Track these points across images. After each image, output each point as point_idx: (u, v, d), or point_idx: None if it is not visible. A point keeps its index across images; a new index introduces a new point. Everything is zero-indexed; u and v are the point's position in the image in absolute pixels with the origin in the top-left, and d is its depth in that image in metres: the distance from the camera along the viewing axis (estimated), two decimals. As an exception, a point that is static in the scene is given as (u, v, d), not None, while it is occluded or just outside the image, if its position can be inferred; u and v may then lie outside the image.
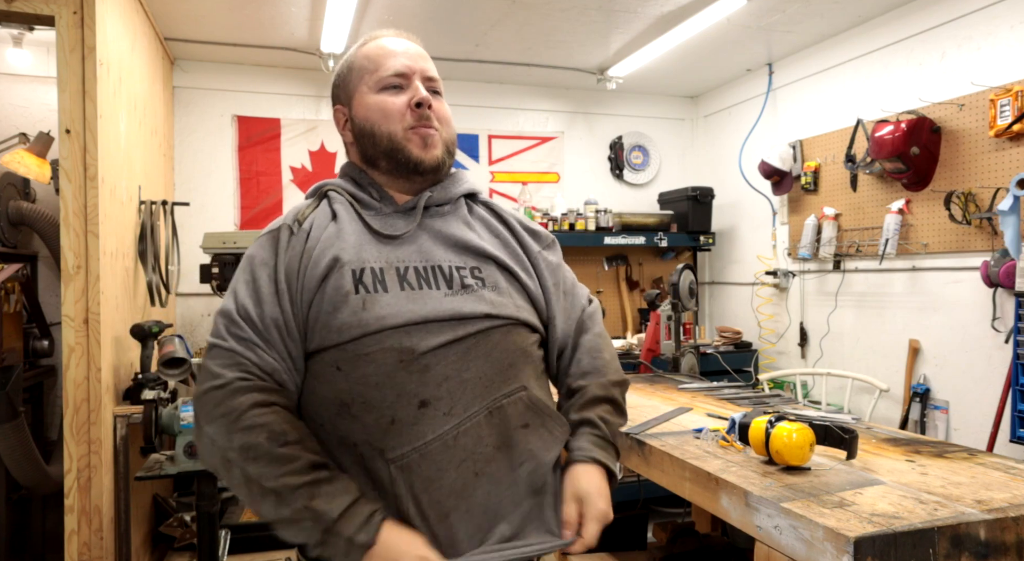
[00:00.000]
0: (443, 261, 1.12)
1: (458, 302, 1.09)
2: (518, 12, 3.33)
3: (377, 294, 1.06)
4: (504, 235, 1.22)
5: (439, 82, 1.20)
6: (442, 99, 1.20)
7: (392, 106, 1.14)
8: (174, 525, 3.10)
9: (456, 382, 1.06)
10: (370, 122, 1.16)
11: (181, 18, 3.36)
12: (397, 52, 1.17)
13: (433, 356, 1.05)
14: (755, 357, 4.17)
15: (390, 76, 1.15)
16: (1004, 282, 2.67)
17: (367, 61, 1.18)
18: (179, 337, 2.74)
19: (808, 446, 1.47)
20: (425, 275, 1.10)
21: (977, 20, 2.94)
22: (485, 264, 1.15)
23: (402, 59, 1.16)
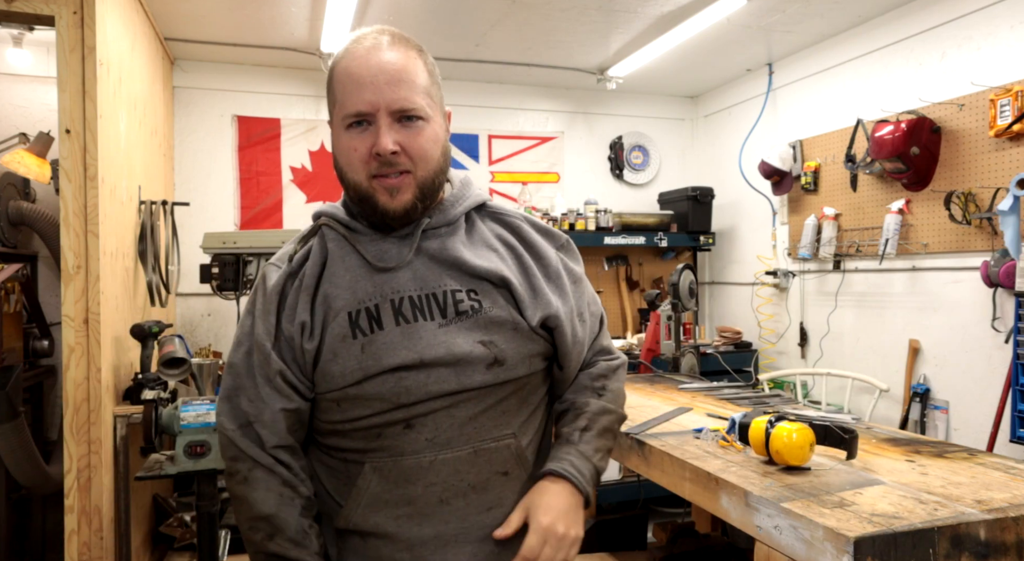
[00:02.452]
0: (438, 287, 1.08)
1: (452, 335, 1.06)
2: (518, 12, 3.33)
3: (373, 334, 1.05)
4: (512, 244, 1.15)
5: (418, 106, 1.04)
6: (423, 125, 1.05)
7: (354, 154, 1.05)
8: (174, 525, 3.10)
9: (444, 415, 1.06)
10: (340, 164, 1.09)
11: (181, 18, 3.36)
12: (362, 82, 1.02)
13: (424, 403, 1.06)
14: (755, 357, 4.17)
15: (351, 115, 1.04)
16: (1004, 282, 2.66)
17: (337, 87, 1.07)
18: (179, 337, 2.74)
19: (808, 446, 1.47)
20: (420, 304, 1.07)
21: (977, 20, 2.94)
22: (482, 284, 1.09)
23: (366, 94, 1.02)
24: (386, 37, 1.06)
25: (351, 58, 1.05)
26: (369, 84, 1.02)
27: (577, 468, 1.11)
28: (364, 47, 1.05)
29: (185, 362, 2.54)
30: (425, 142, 1.05)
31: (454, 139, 4.48)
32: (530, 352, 1.11)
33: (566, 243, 1.23)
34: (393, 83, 1.03)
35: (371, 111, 1.02)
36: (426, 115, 1.05)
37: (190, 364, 2.53)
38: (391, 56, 1.04)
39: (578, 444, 1.14)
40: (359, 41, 1.06)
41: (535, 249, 1.16)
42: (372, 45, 1.05)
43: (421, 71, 1.06)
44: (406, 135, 1.03)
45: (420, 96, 1.04)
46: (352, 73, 1.03)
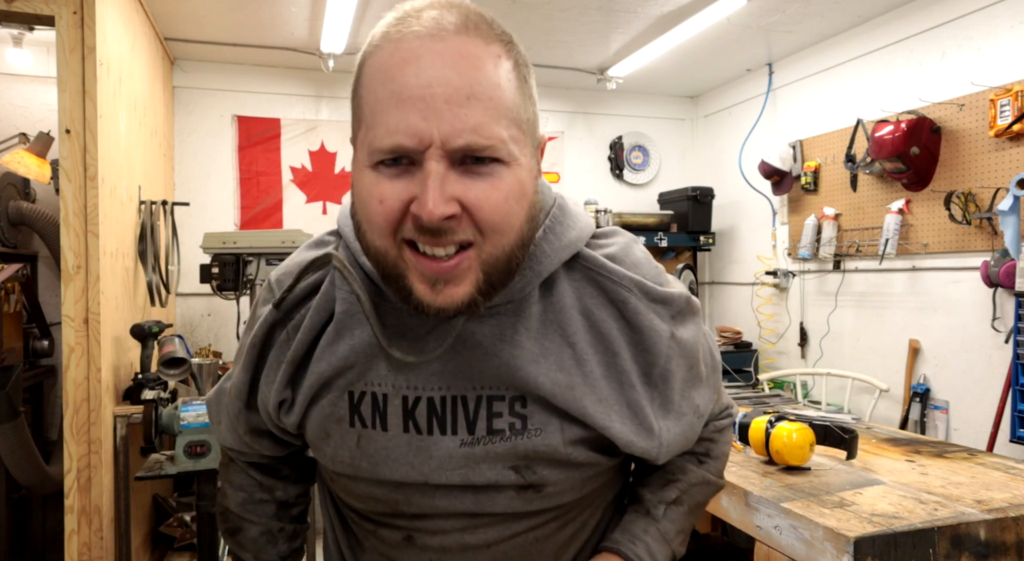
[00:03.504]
0: (472, 389, 0.75)
1: (474, 460, 0.75)
2: (518, 12, 3.33)
3: (375, 431, 0.77)
4: (606, 332, 0.76)
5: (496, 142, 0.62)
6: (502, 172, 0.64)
7: (379, 206, 0.64)
8: (174, 525, 3.10)
9: (453, 538, 0.80)
10: (357, 209, 0.69)
11: (181, 18, 3.36)
12: (405, 94, 0.61)
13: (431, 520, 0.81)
14: (755, 357, 4.17)
15: (383, 150, 0.63)
16: (1004, 282, 2.66)
17: (367, 91, 0.65)
18: (179, 337, 2.74)
19: (808, 446, 1.47)
20: (440, 412, 0.75)
21: (977, 20, 2.94)
22: (534, 398, 0.75)
23: (411, 116, 0.61)
24: (454, 15, 0.63)
25: (392, 50, 0.63)
26: (418, 99, 0.61)
27: (652, 555, 0.84)
28: (416, 32, 0.62)
29: (185, 362, 2.54)
30: (503, 201, 0.64)
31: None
32: (587, 475, 0.81)
33: (684, 307, 0.81)
34: (459, 101, 0.61)
35: (416, 148, 0.62)
36: (509, 156, 0.64)
37: (190, 364, 2.53)
38: (461, 52, 0.62)
39: (660, 521, 0.87)
40: (406, 20, 0.63)
41: (642, 337, 0.76)
42: (430, 30, 0.62)
43: (508, 79, 0.64)
44: (470, 187, 0.63)
45: (503, 125, 0.63)
46: (391, 77, 0.62)
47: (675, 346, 0.78)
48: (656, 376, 0.77)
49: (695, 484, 0.91)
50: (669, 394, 0.79)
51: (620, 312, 0.76)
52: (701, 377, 0.84)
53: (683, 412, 0.81)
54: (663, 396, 0.78)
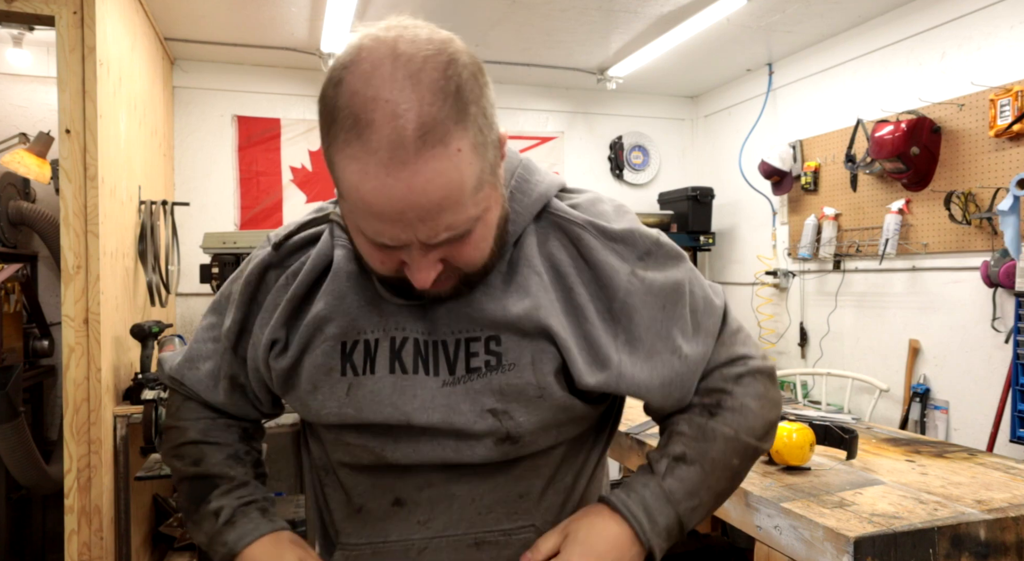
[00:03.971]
0: (451, 332, 0.81)
1: (455, 398, 0.80)
2: (518, 12, 3.33)
3: (364, 377, 0.81)
4: (564, 269, 0.82)
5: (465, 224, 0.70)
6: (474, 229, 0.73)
7: (380, 265, 0.75)
8: (174, 525, 3.10)
9: (440, 491, 0.84)
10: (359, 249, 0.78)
11: (181, 18, 3.36)
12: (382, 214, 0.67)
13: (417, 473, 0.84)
14: (755, 357, 4.17)
15: (371, 241, 0.72)
16: (1004, 282, 2.67)
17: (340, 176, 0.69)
18: (179, 337, 2.74)
19: (808, 446, 1.47)
20: (424, 351, 0.81)
21: (977, 20, 2.94)
22: (510, 331, 0.80)
23: (389, 229, 0.69)
24: (411, 127, 0.64)
25: (359, 170, 0.66)
26: (394, 221, 0.67)
27: (648, 512, 0.80)
28: (378, 157, 0.65)
29: (185, 362, 2.53)
30: (474, 249, 0.74)
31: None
32: (561, 420, 0.84)
33: (653, 248, 0.85)
34: (431, 217, 0.67)
35: (399, 246, 0.71)
36: (476, 219, 0.72)
37: (190, 364, 2.52)
38: (426, 175, 0.65)
39: (663, 476, 0.82)
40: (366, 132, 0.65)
41: (598, 273, 0.82)
42: (391, 155, 0.64)
43: (469, 165, 0.68)
44: (449, 250, 0.73)
45: (467, 208, 0.69)
46: (365, 199, 0.67)
47: (637, 282, 0.81)
48: (616, 310, 0.81)
49: (707, 439, 0.83)
50: (634, 330, 0.81)
51: (577, 251, 0.82)
52: (684, 319, 0.84)
53: (656, 350, 0.82)
54: (627, 331, 0.81)
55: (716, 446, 0.83)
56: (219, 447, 0.94)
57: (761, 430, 0.86)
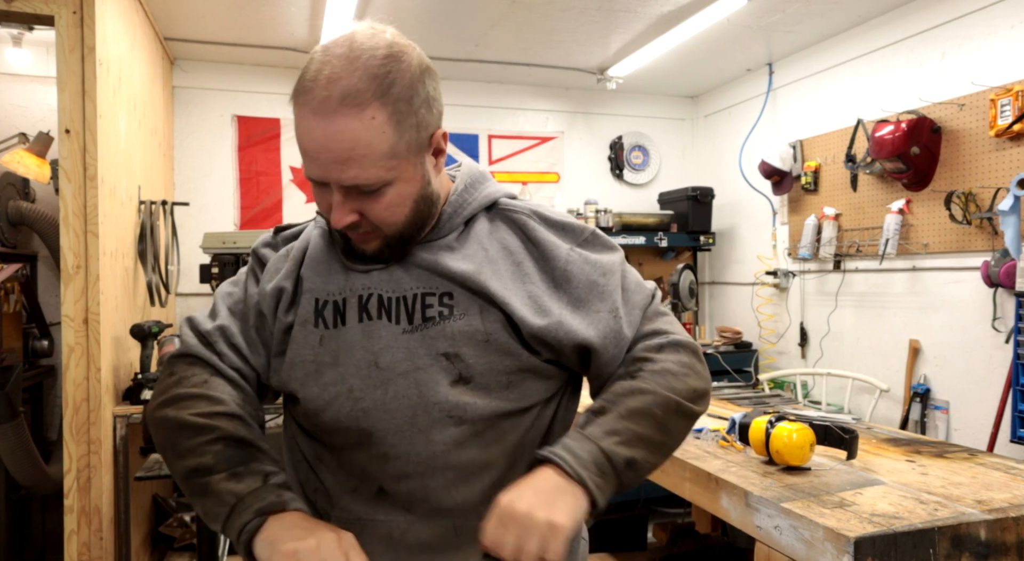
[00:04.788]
0: (409, 291, 0.96)
1: (414, 343, 0.93)
2: (518, 12, 3.33)
3: (335, 330, 0.96)
4: (511, 246, 0.98)
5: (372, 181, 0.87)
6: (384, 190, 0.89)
7: (320, 204, 0.94)
8: (174, 525, 3.10)
9: (417, 483, 0.94)
10: None
11: (181, 18, 3.36)
12: (308, 152, 0.87)
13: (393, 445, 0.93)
14: (755, 357, 4.17)
15: (310, 177, 0.91)
16: (1004, 282, 2.66)
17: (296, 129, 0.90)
18: (179, 337, 2.74)
19: (808, 446, 1.47)
20: (387, 304, 0.95)
21: (977, 20, 2.94)
22: (459, 289, 0.95)
23: (314, 167, 0.88)
24: (339, 89, 0.84)
25: (299, 114, 0.87)
26: (315, 158, 0.87)
27: (569, 450, 0.87)
28: (311, 105, 0.85)
29: (185, 362, 2.53)
30: (385, 209, 0.90)
31: (454, 139, 4.48)
32: (510, 368, 0.94)
33: (590, 237, 1.02)
34: (339, 162, 0.86)
35: (323, 181, 0.89)
36: (386, 181, 0.89)
37: (190, 364, 2.52)
38: (337, 127, 0.84)
39: (584, 428, 0.91)
40: (310, 88, 0.85)
41: (543, 249, 0.98)
42: (320, 106, 0.84)
43: (381, 134, 0.86)
44: (364, 203, 0.90)
45: (376, 167, 0.87)
46: (300, 136, 0.88)
47: (576, 256, 0.98)
48: (559, 277, 0.97)
49: (623, 394, 0.93)
50: (573, 291, 0.97)
51: (524, 234, 0.99)
52: (619, 289, 0.99)
53: (595, 308, 0.97)
54: (568, 294, 0.97)
55: (635, 398, 0.92)
56: (253, 428, 0.95)
57: (685, 391, 0.94)
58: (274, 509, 0.84)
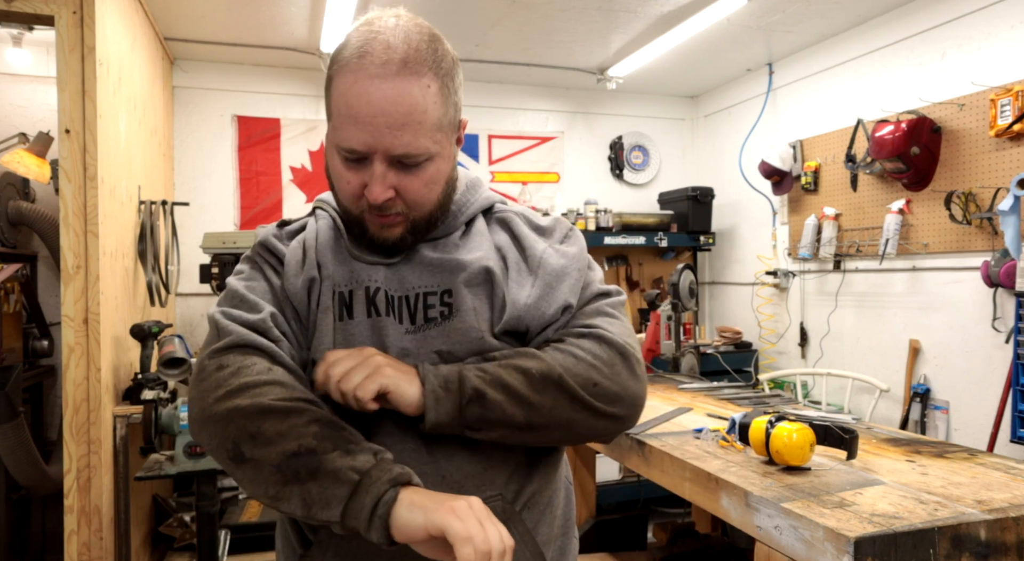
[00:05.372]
0: (412, 288, 0.97)
1: (412, 347, 0.95)
2: (518, 12, 3.33)
3: (345, 321, 0.96)
4: (501, 243, 1.03)
5: (422, 151, 0.89)
6: (425, 165, 0.91)
7: (345, 186, 0.93)
8: (174, 525, 3.10)
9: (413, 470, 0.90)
10: (330, 178, 0.97)
11: (181, 18, 3.36)
12: (359, 119, 0.87)
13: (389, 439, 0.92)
14: (755, 357, 4.17)
15: (344, 148, 0.90)
16: (1004, 282, 2.66)
17: (334, 102, 0.91)
18: (179, 337, 2.74)
19: (808, 446, 1.47)
20: (392, 302, 0.96)
21: (977, 20, 2.94)
22: (460, 285, 0.97)
23: (362, 134, 0.87)
24: (399, 54, 0.87)
25: (352, 80, 0.87)
26: (367, 124, 0.86)
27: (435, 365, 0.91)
28: (368, 70, 0.86)
29: (185, 362, 2.54)
30: (423, 185, 0.92)
31: (454, 139, 4.49)
32: None
33: (568, 235, 1.07)
34: (395, 127, 0.87)
35: (366, 152, 0.88)
36: (431, 154, 0.91)
37: (190, 364, 2.53)
38: (398, 90, 0.86)
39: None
40: (365, 53, 0.87)
41: (523, 245, 1.02)
42: (378, 69, 0.86)
43: (434, 103, 0.89)
44: (403, 178, 0.91)
45: (426, 137, 0.89)
46: (349, 103, 0.87)
47: (551, 250, 1.02)
48: (533, 265, 1.00)
49: (516, 354, 0.94)
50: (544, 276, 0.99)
51: (511, 232, 1.04)
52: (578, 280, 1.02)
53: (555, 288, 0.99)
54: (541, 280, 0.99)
55: (522, 358, 0.92)
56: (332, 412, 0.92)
57: (580, 377, 0.91)
58: (405, 479, 0.81)
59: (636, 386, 0.97)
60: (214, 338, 0.93)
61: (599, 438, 0.97)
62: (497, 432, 0.90)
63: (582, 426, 0.93)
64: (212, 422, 0.86)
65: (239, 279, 1.00)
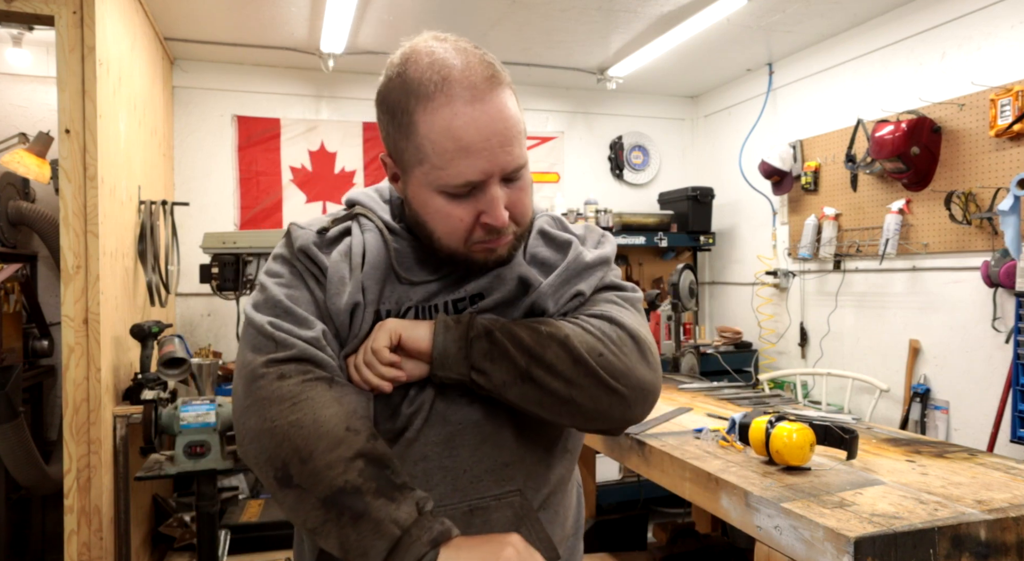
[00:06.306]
0: (442, 298, 0.96)
1: None
2: (518, 12, 3.33)
3: None
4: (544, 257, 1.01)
5: (525, 161, 0.90)
6: (524, 174, 0.91)
7: (458, 224, 0.89)
8: (174, 525, 3.10)
9: (435, 466, 0.92)
10: (427, 222, 0.92)
11: (181, 18, 3.36)
12: (472, 148, 0.84)
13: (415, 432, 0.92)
14: (755, 357, 4.17)
15: (458, 185, 0.86)
16: (1004, 282, 2.66)
17: (430, 142, 0.86)
18: (179, 337, 2.74)
19: (808, 446, 1.47)
20: (423, 314, 0.95)
21: (977, 20, 2.94)
22: (488, 290, 0.96)
23: (478, 163, 0.85)
24: (479, 72, 0.86)
25: (451, 114, 0.84)
26: (482, 150, 0.84)
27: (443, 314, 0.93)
28: (462, 96, 0.84)
29: (185, 362, 2.54)
30: (526, 196, 0.92)
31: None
32: None
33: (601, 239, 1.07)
34: (507, 144, 0.86)
35: (484, 179, 0.86)
36: (526, 162, 0.91)
37: (190, 364, 2.53)
38: (498, 106, 0.86)
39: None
40: (446, 79, 0.84)
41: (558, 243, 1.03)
42: (471, 92, 0.84)
43: (517, 110, 0.90)
44: (511, 195, 0.89)
45: (522, 146, 0.89)
46: (458, 136, 0.84)
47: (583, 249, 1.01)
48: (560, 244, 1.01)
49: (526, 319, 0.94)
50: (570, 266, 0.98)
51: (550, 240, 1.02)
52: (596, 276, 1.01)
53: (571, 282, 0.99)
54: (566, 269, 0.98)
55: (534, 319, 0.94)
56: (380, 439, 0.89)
57: (587, 345, 0.91)
58: (445, 538, 0.80)
59: (645, 371, 0.94)
60: (269, 347, 0.89)
61: (602, 419, 0.93)
62: (500, 376, 0.88)
63: (585, 395, 0.90)
64: (267, 435, 0.84)
65: (279, 284, 0.95)
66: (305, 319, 0.92)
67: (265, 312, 0.93)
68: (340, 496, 0.79)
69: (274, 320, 0.91)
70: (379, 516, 0.79)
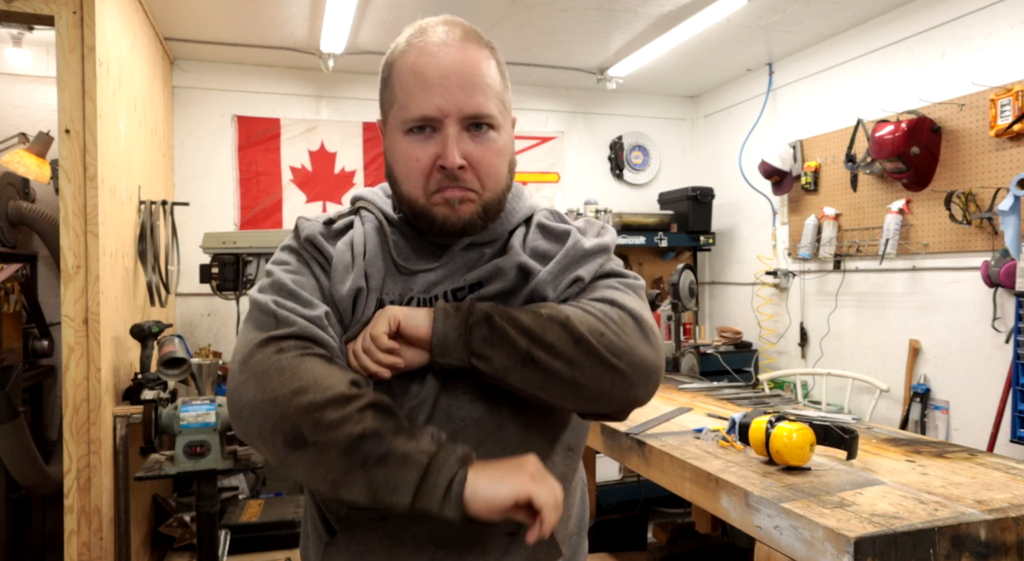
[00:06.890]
0: (443, 288, 0.97)
1: None
2: (518, 12, 3.33)
3: None
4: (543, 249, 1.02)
5: (491, 113, 0.94)
6: (493, 136, 0.95)
7: (415, 164, 0.93)
8: (174, 525, 3.10)
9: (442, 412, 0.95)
10: (394, 172, 0.98)
11: (181, 18, 3.36)
12: (431, 82, 0.91)
13: None
14: (755, 357, 4.17)
15: (415, 119, 0.92)
16: (1004, 282, 2.66)
17: (398, 85, 0.94)
18: (179, 337, 2.74)
19: (808, 446, 1.47)
20: (424, 305, 0.97)
21: (977, 20, 2.94)
22: (486, 279, 0.97)
23: (434, 97, 0.91)
24: (458, 31, 0.95)
25: (418, 53, 0.93)
26: (439, 86, 0.91)
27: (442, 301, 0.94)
28: (433, 42, 0.93)
29: (185, 362, 2.54)
30: (495, 157, 0.95)
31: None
32: None
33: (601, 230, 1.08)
34: (467, 86, 0.92)
35: (439, 116, 0.91)
36: (497, 124, 0.95)
37: (190, 364, 2.53)
38: (465, 55, 0.93)
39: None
40: (426, 33, 0.94)
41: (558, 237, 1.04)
42: (443, 40, 0.93)
43: (495, 73, 0.97)
44: (475, 148, 0.93)
45: (493, 102, 0.95)
46: (419, 71, 0.92)
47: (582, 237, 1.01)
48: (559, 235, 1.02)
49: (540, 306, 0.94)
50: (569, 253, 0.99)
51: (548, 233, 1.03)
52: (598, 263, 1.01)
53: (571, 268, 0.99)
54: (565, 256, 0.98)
55: (534, 304, 0.94)
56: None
57: (588, 325, 0.90)
58: (469, 459, 0.84)
59: (647, 349, 0.93)
60: (270, 324, 0.90)
61: (605, 400, 0.92)
62: (501, 361, 0.88)
63: (587, 376, 0.89)
64: (270, 405, 0.83)
65: (285, 270, 0.97)
66: (309, 300, 0.93)
67: (266, 292, 0.94)
68: (360, 442, 0.81)
69: (278, 299, 0.92)
70: (404, 450, 0.82)
